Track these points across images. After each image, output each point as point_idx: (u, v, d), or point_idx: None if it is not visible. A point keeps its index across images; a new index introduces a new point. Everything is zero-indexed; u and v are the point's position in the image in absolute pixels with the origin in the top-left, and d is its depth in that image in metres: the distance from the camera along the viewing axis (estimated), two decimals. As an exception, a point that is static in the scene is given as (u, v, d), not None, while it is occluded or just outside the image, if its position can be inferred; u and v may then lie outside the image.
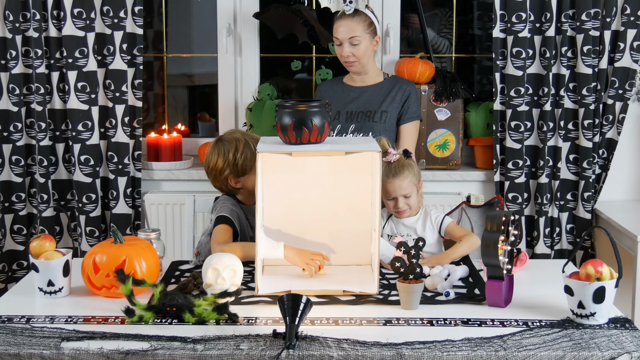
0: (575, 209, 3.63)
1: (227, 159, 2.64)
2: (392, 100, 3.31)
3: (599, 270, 2.00)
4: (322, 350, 1.85)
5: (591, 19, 3.45)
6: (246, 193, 2.70)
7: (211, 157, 2.68)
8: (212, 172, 2.68)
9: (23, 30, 3.54)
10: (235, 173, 2.65)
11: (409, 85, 3.38)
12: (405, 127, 3.32)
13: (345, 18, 3.24)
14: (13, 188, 3.65)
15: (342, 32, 3.25)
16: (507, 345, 1.89)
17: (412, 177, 2.68)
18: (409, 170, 2.67)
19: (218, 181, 2.69)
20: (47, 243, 2.28)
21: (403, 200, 2.69)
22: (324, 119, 2.29)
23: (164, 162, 3.76)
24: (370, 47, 3.29)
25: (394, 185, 2.67)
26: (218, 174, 2.67)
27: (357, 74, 3.37)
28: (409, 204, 2.70)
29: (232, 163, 2.64)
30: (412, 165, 2.71)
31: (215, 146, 2.68)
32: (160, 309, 2.06)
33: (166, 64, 4.14)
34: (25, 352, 1.87)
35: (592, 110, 3.52)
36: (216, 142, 2.70)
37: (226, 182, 2.67)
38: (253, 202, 2.70)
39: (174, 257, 3.03)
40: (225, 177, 2.66)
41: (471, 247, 2.60)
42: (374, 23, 3.28)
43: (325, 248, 2.49)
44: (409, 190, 2.68)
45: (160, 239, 2.51)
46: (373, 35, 3.28)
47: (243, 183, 2.66)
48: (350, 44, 3.24)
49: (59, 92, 3.57)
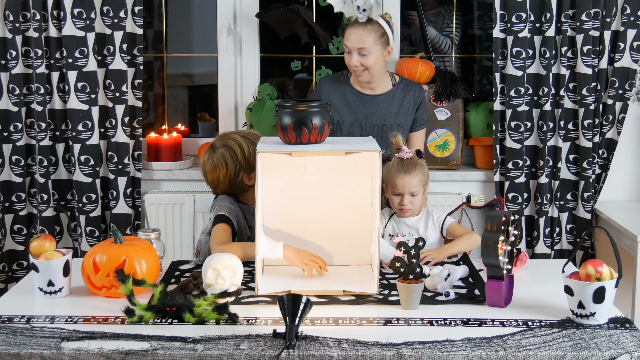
0: (575, 209, 3.63)
1: (237, 161, 2.64)
2: (406, 112, 3.26)
3: (599, 270, 2.00)
4: (322, 350, 1.85)
5: (591, 19, 3.45)
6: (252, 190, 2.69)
7: (218, 168, 2.65)
8: (225, 181, 2.66)
9: (23, 30, 3.54)
10: (248, 170, 2.66)
11: (419, 91, 3.30)
12: (415, 135, 3.32)
13: (357, 26, 3.13)
14: (13, 188, 3.65)
15: (352, 40, 3.13)
16: (507, 345, 1.89)
17: (422, 177, 2.69)
18: (420, 170, 2.69)
19: (232, 187, 2.68)
20: (47, 243, 2.28)
21: (409, 198, 2.69)
22: (324, 119, 2.30)
23: (164, 162, 3.76)
24: (381, 58, 3.16)
25: (403, 181, 2.67)
26: (232, 179, 2.66)
27: (366, 83, 3.25)
28: (413, 203, 2.70)
29: (244, 162, 2.65)
30: (423, 165, 2.72)
31: (216, 156, 2.66)
32: (160, 309, 2.07)
33: (166, 64, 4.14)
34: (25, 352, 1.87)
35: (592, 110, 3.52)
36: (214, 151, 2.67)
37: (241, 183, 2.67)
38: (252, 201, 2.71)
39: (174, 257, 3.03)
40: (240, 179, 2.66)
41: (471, 244, 2.60)
42: (386, 33, 3.15)
43: (325, 250, 2.49)
44: (417, 189, 2.69)
45: (160, 239, 2.51)
46: (385, 46, 3.15)
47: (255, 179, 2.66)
48: (359, 54, 3.13)
49: (59, 92, 3.57)
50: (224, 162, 2.65)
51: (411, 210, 2.73)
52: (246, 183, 2.67)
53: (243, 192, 2.71)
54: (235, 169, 2.65)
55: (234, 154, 2.65)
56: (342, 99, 3.26)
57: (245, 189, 2.70)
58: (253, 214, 2.69)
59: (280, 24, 3.71)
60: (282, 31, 3.74)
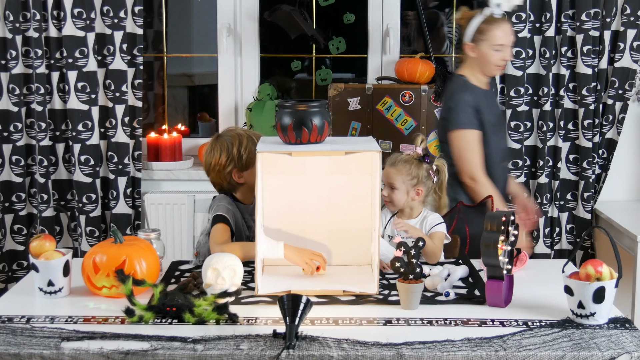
0: (575, 209, 3.63)
1: (231, 153, 2.63)
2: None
3: (599, 270, 2.00)
4: (322, 350, 1.85)
5: (591, 19, 3.45)
6: (246, 190, 2.69)
7: (213, 153, 2.66)
8: (215, 169, 2.66)
9: (23, 30, 3.54)
10: (240, 167, 2.65)
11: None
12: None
13: (502, 22, 3.04)
14: (13, 188, 3.65)
15: (504, 37, 3.02)
16: (507, 345, 1.89)
17: (405, 175, 2.64)
18: (405, 168, 2.65)
19: (220, 177, 2.67)
20: (47, 243, 2.28)
21: (387, 190, 2.67)
22: (324, 119, 2.29)
23: (164, 162, 3.76)
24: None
25: (388, 172, 2.66)
26: (221, 169, 2.65)
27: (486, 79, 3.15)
28: (391, 197, 2.67)
29: (236, 157, 2.63)
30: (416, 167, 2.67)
31: (216, 142, 2.67)
32: (160, 309, 2.06)
33: (166, 64, 4.14)
34: (25, 352, 1.87)
35: (592, 110, 3.52)
36: (216, 138, 2.69)
37: (229, 177, 2.66)
38: (251, 201, 2.71)
39: (174, 257, 3.03)
40: (228, 172, 2.65)
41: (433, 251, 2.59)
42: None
43: (325, 248, 2.49)
44: (398, 185, 2.64)
45: (160, 239, 2.51)
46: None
47: (246, 178, 2.66)
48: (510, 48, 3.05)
49: (59, 92, 3.57)
50: (219, 149, 2.65)
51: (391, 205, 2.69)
52: (235, 179, 2.67)
53: (235, 189, 2.70)
54: (226, 160, 2.64)
55: (230, 145, 2.64)
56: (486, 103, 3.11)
57: (235, 185, 2.69)
58: (251, 213, 2.70)
59: (289, 24, 3.71)
60: (291, 31, 3.74)
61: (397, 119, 3.64)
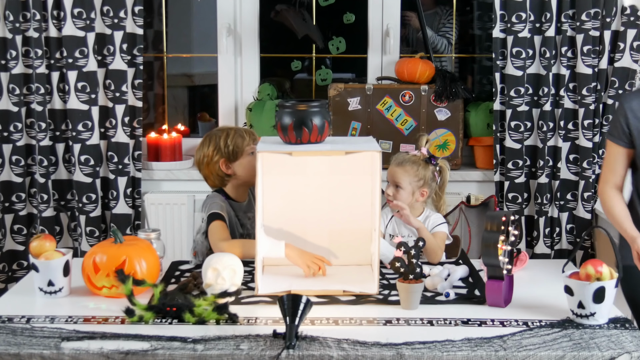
0: (575, 209, 3.63)
1: (218, 144, 2.72)
2: None
3: (599, 270, 2.00)
4: (322, 350, 1.85)
5: (591, 19, 3.45)
6: (237, 184, 2.74)
7: (202, 147, 2.77)
8: (204, 161, 2.75)
9: (23, 30, 3.54)
10: (227, 157, 2.72)
11: None
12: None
13: None
14: (13, 188, 3.65)
15: None
16: (507, 345, 1.89)
17: (412, 176, 2.67)
18: (413, 169, 2.67)
19: (209, 169, 2.75)
20: (47, 243, 2.28)
21: (392, 189, 2.69)
22: (324, 119, 2.29)
23: (164, 162, 3.76)
24: None
25: (393, 170, 2.69)
26: (210, 161, 2.74)
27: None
28: (395, 196, 2.68)
29: (223, 148, 2.72)
30: (424, 167, 2.68)
31: (205, 137, 2.79)
32: (160, 309, 2.07)
33: (166, 64, 4.14)
34: (25, 352, 1.87)
35: (592, 110, 3.51)
36: (206, 135, 2.81)
37: (217, 168, 2.72)
38: (243, 198, 2.75)
39: (174, 257, 3.03)
40: (216, 162, 2.73)
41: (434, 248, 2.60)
42: None
43: (325, 248, 2.49)
44: (403, 184, 2.67)
45: (160, 239, 2.51)
46: None
47: (234, 169, 2.73)
48: None
49: (59, 92, 3.56)
50: (208, 142, 2.76)
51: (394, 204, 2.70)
52: (223, 170, 2.73)
53: (224, 182, 2.75)
54: (213, 151, 2.73)
55: (218, 138, 2.74)
56: None
57: (224, 178, 2.74)
58: (245, 211, 2.73)
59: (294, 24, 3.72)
60: (298, 31, 3.75)
61: (397, 119, 3.64)
